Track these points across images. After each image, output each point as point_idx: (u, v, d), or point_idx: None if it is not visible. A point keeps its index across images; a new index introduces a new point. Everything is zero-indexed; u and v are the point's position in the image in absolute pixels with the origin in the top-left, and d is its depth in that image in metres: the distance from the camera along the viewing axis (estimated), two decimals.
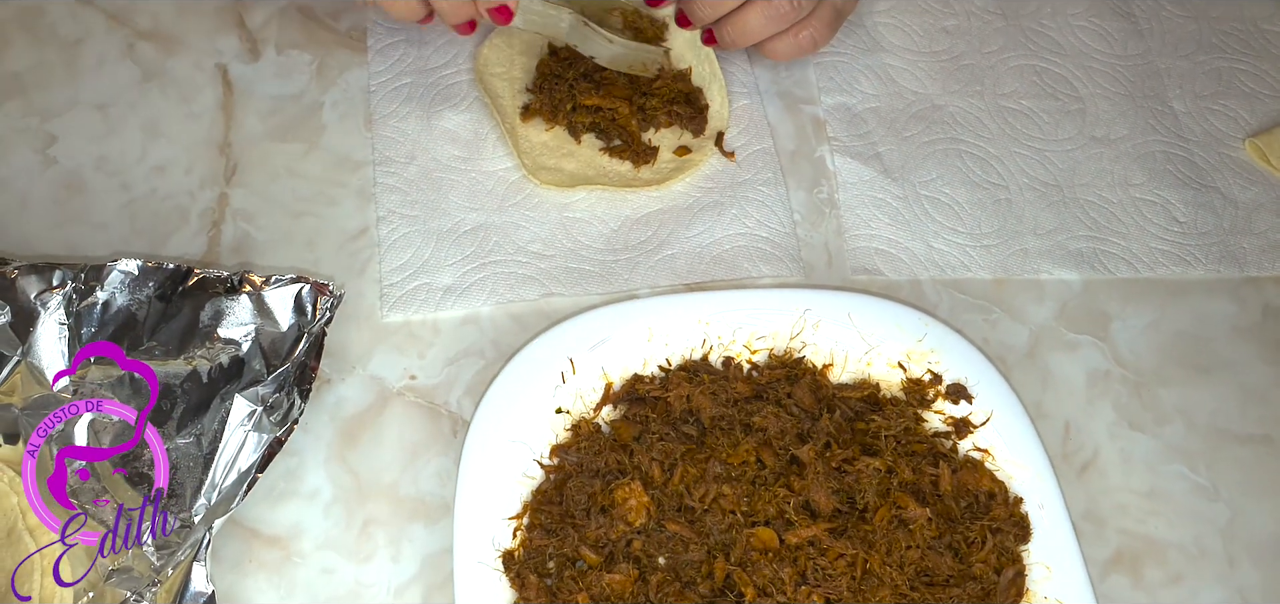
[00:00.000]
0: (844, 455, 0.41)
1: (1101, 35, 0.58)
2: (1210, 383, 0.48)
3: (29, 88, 0.51)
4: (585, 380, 0.43)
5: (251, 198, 0.48)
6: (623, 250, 0.48)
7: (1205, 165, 0.54)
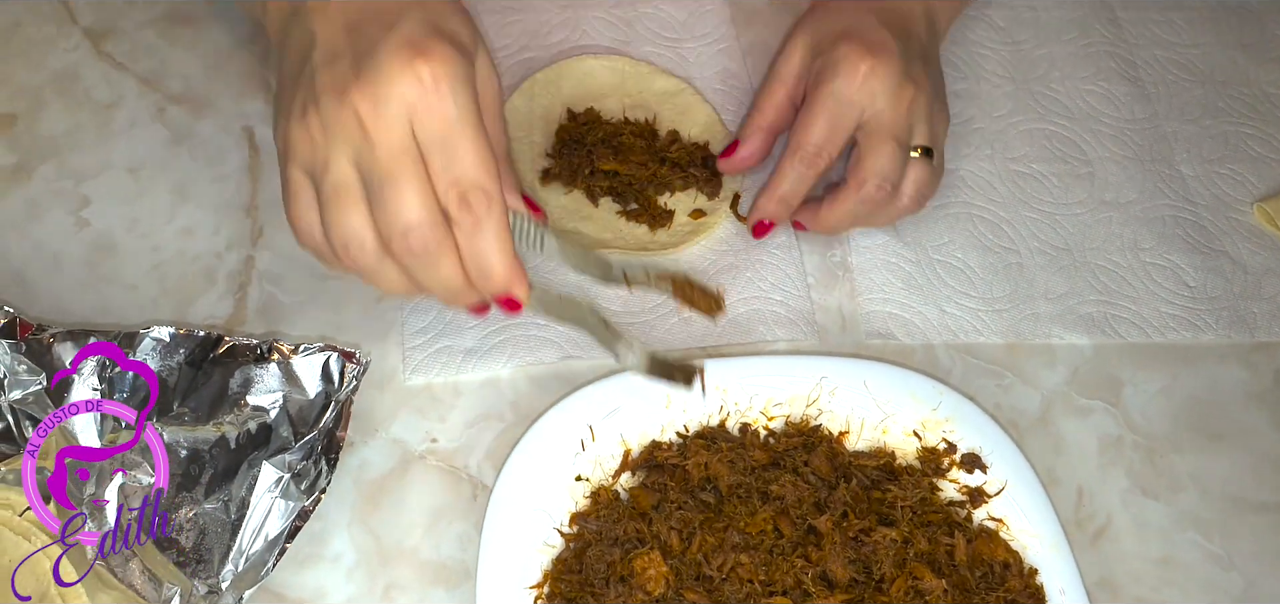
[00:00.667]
0: (861, 525, 0.41)
1: (1109, 99, 0.59)
2: (1223, 450, 0.48)
3: (63, 150, 0.52)
4: (604, 447, 0.44)
5: (278, 260, 0.50)
6: (639, 313, 0.49)
7: (1214, 230, 0.54)
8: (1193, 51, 0.61)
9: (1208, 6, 0.62)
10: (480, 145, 0.36)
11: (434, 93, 0.35)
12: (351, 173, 0.36)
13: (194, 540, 0.40)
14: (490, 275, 0.37)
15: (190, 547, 0.40)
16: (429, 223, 0.35)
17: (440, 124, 0.35)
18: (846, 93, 0.46)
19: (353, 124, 0.35)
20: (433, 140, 0.35)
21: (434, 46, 0.35)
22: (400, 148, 0.35)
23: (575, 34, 0.57)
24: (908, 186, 0.47)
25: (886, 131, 0.46)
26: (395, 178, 0.35)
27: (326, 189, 0.36)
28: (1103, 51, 0.60)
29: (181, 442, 0.42)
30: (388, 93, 0.35)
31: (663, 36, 0.58)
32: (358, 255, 0.36)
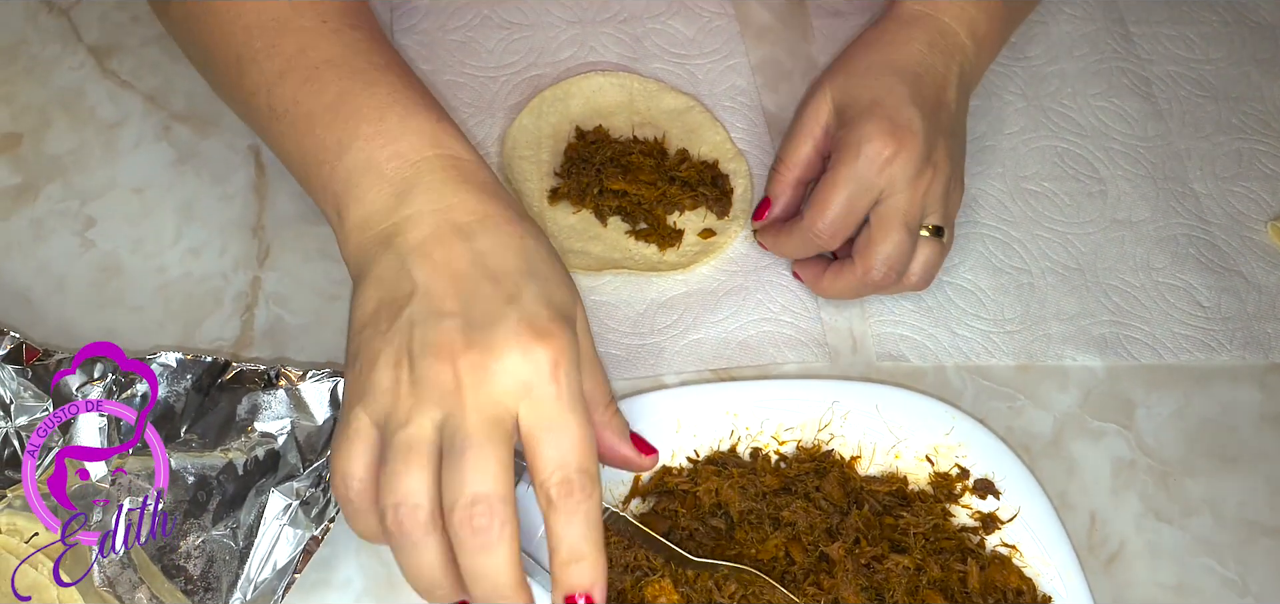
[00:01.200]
0: (873, 552, 0.41)
1: (1121, 116, 0.58)
2: (1238, 473, 0.48)
3: (68, 170, 0.52)
4: (614, 472, 0.44)
5: (284, 281, 0.49)
6: (649, 335, 0.49)
7: (1228, 249, 0.54)
8: (1206, 67, 0.60)
9: (1221, 21, 0.62)
10: (587, 429, 0.34)
11: (551, 380, 0.34)
12: (433, 434, 0.33)
13: (202, 568, 0.40)
14: (578, 567, 0.34)
15: (198, 574, 0.40)
16: (501, 498, 0.33)
17: (552, 411, 0.34)
18: (867, 176, 0.45)
19: (450, 386, 0.33)
20: (541, 424, 0.34)
21: (554, 331, 0.34)
22: (495, 420, 0.33)
23: (583, 50, 0.57)
24: (915, 266, 0.47)
25: (899, 218, 0.45)
26: (482, 446, 0.33)
27: (398, 442, 0.33)
28: (1115, 67, 0.59)
29: (189, 468, 0.41)
30: (501, 368, 0.33)
31: (671, 53, 0.58)
32: (407, 518, 0.33)
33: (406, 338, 0.34)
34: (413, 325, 0.34)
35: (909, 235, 0.46)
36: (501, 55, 0.56)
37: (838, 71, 0.49)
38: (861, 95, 0.47)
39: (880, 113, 0.45)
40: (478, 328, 0.34)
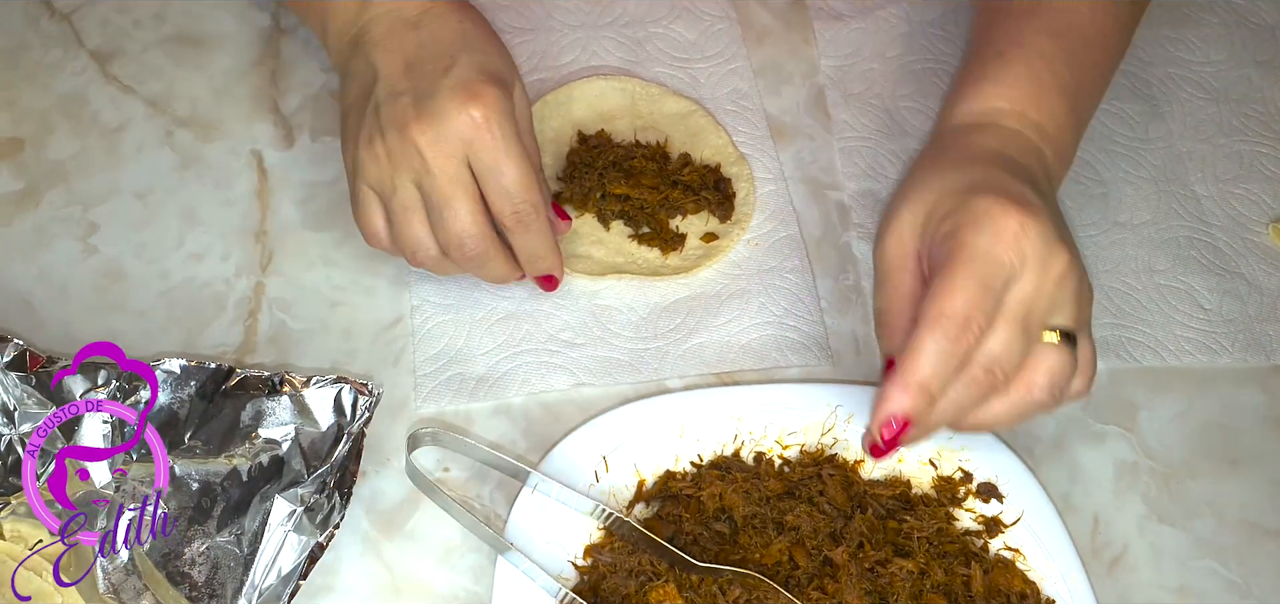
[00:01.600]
0: (877, 557, 0.41)
1: (1122, 118, 0.58)
2: (1240, 475, 0.48)
3: (71, 175, 0.52)
4: (618, 477, 0.44)
5: (287, 286, 0.49)
6: (652, 339, 0.49)
7: (1229, 251, 0.54)
8: (1207, 69, 0.60)
9: (1222, 23, 0.62)
10: (524, 167, 0.43)
11: (485, 130, 0.42)
12: (414, 193, 0.43)
13: (206, 575, 0.40)
14: (539, 264, 0.46)
15: (203, 581, 0.40)
16: (479, 234, 0.43)
17: (490, 155, 0.42)
18: (996, 251, 0.36)
19: (414, 154, 0.42)
20: (485, 168, 0.42)
21: (484, 90, 0.42)
22: (454, 175, 0.42)
23: (585, 54, 0.57)
24: (1039, 375, 0.37)
25: (1016, 310, 0.36)
26: (450, 200, 0.42)
27: (395, 206, 0.43)
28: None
29: (193, 474, 0.41)
30: (445, 131, 0.41)
31: (673, 57, 0.58)
32: (423, 257, 0.44)
33: (375, 117, 0.43)
34: (378, 106, 0.43)
35: (1026, 332, 0.36)
36: None
37: (910, 190, 0.40)
38: (950, 187, 0.38)
39: (987, 189, 0.37)
40: (423, 98, 0.42)
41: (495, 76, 0.43)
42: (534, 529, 0.42)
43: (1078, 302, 0.38)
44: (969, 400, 0.37)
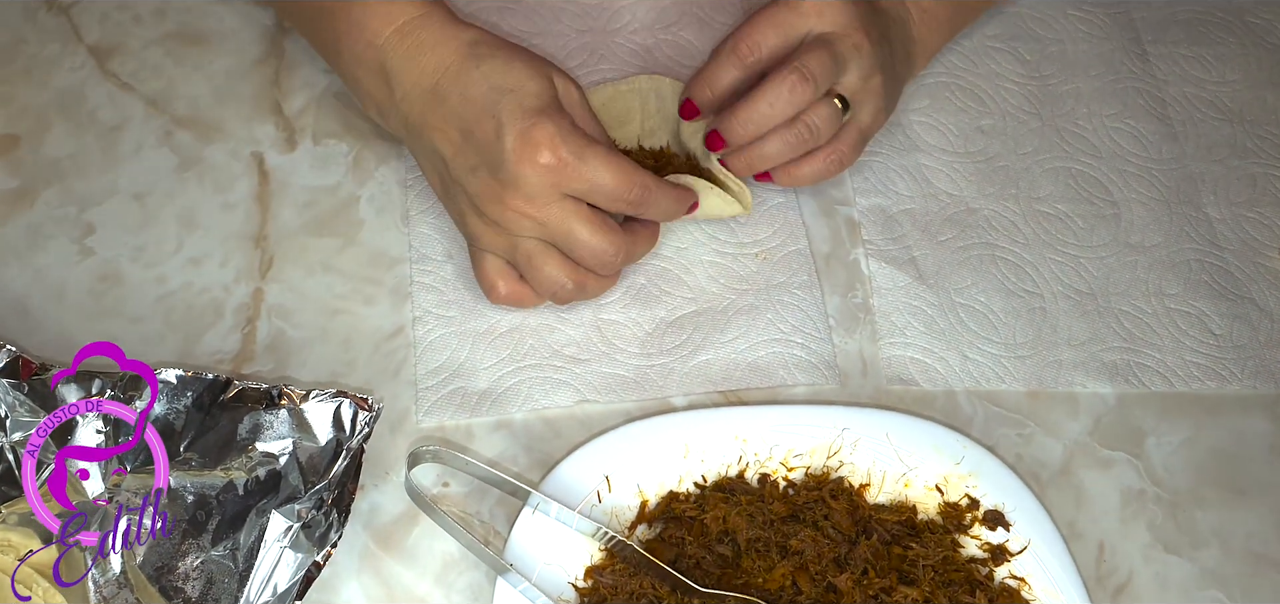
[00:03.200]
0: (881, 584, 0.41)
1: (1135, 137, 0.57)
2: (1246, 505, 0.47)
3: (67, 175, 0.51)
4: (620, 497, 0.43)
5: (287, 294, 0.48)
6: (658, 355, 0.48)
7: (1240, 275, 0.53)
8: (1221, 89, 0.60)
9: (1238, 43, 0.61)
10: (610, 163, 0.43)
11: (562, 167, 0.42)
12: (537, 243, 0.44)
13: (200, 589, 0.39)
14: (678, 210, 0.47)
15: (196, 596, 0.39)
16: (610, 239, 0.44)
17: (579, 182, 0.43)
18: (843, 47, 0.46)
19: (519, 218, 0.43)
20: (583, 193, 0.43)
21: (538, 132, 0.42)
22: (562, 212, 0.43)
23: (593, 59, 0.56)
24: (846, 133, 0.48)
25: (827, 41, 0.46)
26: (571, 233, 0.43)
27: (522, 259, 0.45)
28: (1130, 88, 0.59)
29: (188, 487, 0.41)
30: (531, 189, 0.42)
31: (682, 64, 0.57)
32: (564, 295, 0.45)
33: (466, 195, 0.44)
34: (463, 183, 0.44)
35: (832, 61, 0.46)
36: None
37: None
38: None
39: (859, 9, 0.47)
40: (496, 169, 0.42)
41: (539, 108, 0.42)
42: (534, 549, 0.41)
43: (865, 82, 0.48)
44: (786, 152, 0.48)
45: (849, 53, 0.47)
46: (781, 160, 0.48)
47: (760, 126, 0.47)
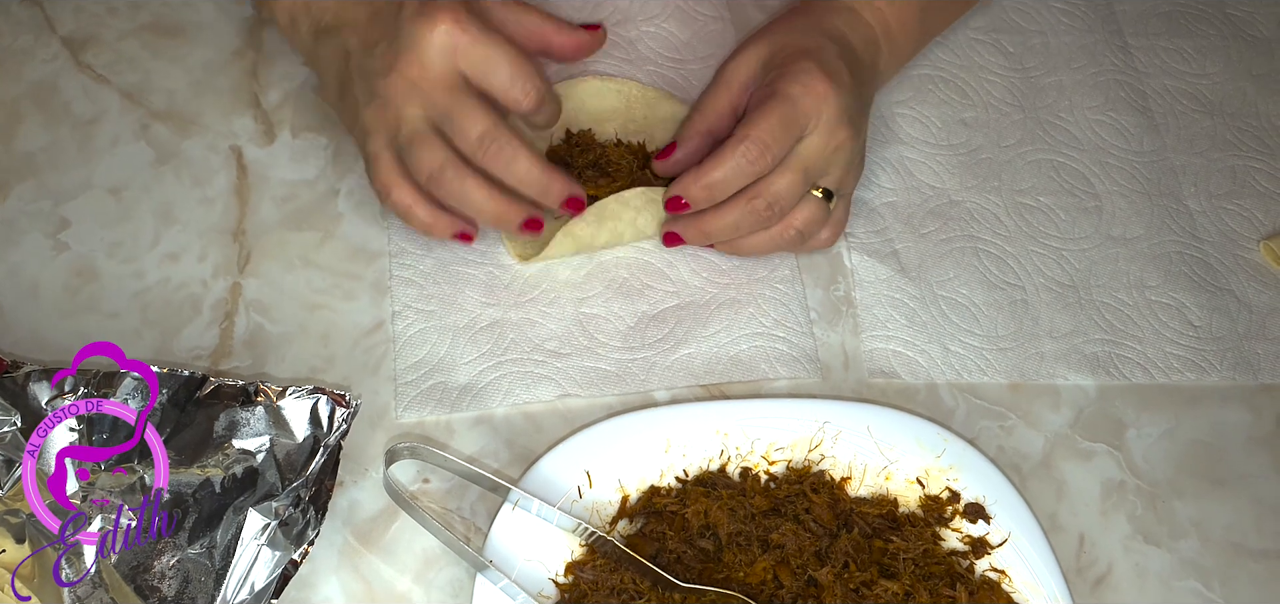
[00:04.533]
0: (862, 577, 0.41)
1: (1117, 130, 0.58)
2: (1225, 496, 0.48)
3: (41, 168, 0.50)
4: (602, 492, 0.43)
5: (265, 288, 0.48)
6: (640, 349, 0.48)
7: (1220, 267, 0.54)
8: (1202, 81, 0.60)
9: (1218, 35, 0.62)
10: (511, 52, 0.43)
11: (458, 35, 0.42)
12: (422, 121, 0.43)
13: (177, 588, 0.39)
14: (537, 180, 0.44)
15: (172, 595, 0.39)
16: (496, 124, 0.43)
17: (475, 57, 0.42)
18: (804, 104, 0.45)
19: (408, 87, 0.42)
20: (477, 72, 0.42)
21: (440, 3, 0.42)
22: (452, 84, 0.42)
23: None
24: (797, 219, 0.47)
25: (802, 161, 0.45)
26: (459, 106, 0.42)
27: (404, 139, 0.43)
28: (1112, 80, 0.59)
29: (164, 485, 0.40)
30: (426, 56, 0.42)
31: (665, 56, 0.56)
32: (445, 181, 0.43)
33: (363, 78, 0.43)
34: (361, 67, 0.43)
35: (805, 181, 0.46)
36: None
37: (765, 35, 0.49)
38: (792, 44, 0.47)
39: (815, 58, 0.46)
40: (393, 40, 0.42)
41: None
42: (515, 545, 0.41)
43: (846, 170, 0.47)
44: (745, 225, 0.47)
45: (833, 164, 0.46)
46: (741, 233, 0.47)
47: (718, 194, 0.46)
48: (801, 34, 0.48)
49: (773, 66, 0.47)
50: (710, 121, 0.48)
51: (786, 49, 0.47)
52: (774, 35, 0.48)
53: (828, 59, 0.46)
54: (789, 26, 0.49)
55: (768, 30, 0.49)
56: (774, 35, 0.48)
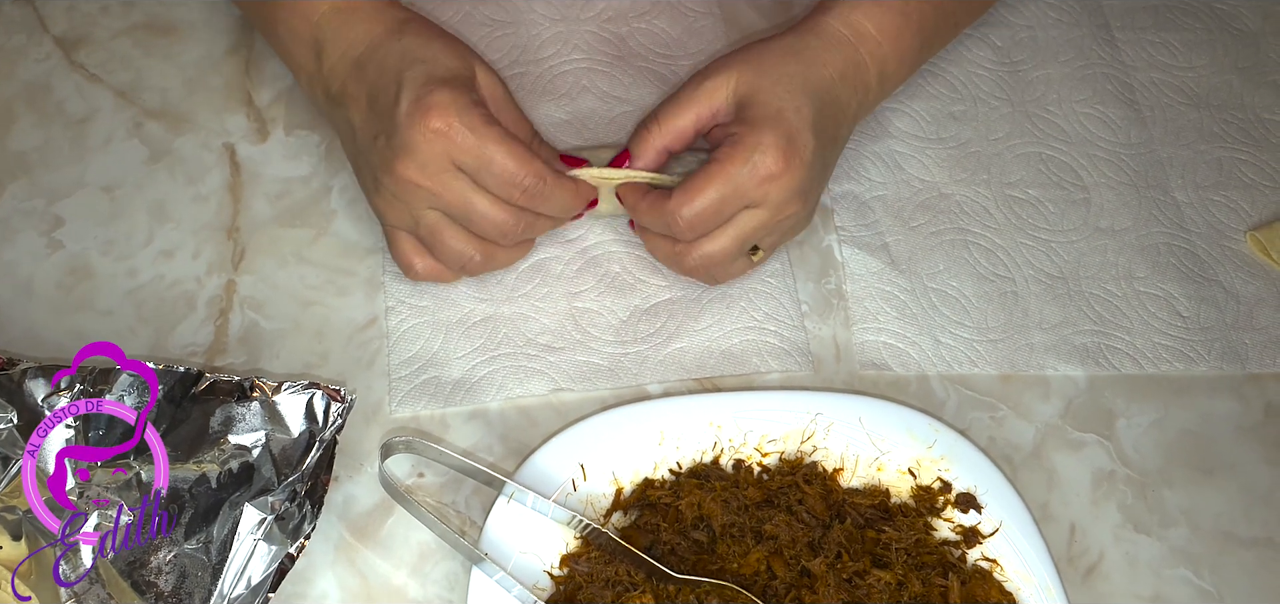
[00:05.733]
0: (855, 568, 0.41)
1: (1105, 122, 0.58)
2: (1214, 484, 0.48)
3: (35, 167, 0.50)
4: (596, 485, 0.43)
5: (259, 285, 0.48)
6: (632, 343, 0.48)
7: (1207, 258, 0.54)
8: (1188, 74, 0.60)
9: (1204, 29, 0.62)
10: (507, 146, 0.42)
11: (453, 136, 0.41)
12: (436, 215, 0.44)
13: (173, 583, 0.39)
14: (571, 210, 0.47)
15: (169, 590, 0.39)
16: (505, 210, 0.43)
17: (470, 156, 0.42)
18: (747, 187, 0.44)
19: (413, 188, 0.42)
20: (473, 169, 0.42)
21: (433, 99, 0.41)
22: (457, 184, 0.43)
23: (566, 49, 0.56)
24: (723, 275, 0.48)
25: (740, 231, 0.45)
26: (467, 205, 0.43)
27: (424, 234, 0.44)
28: (1100, 73, 0.59)
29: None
30: (422, 157, 0.42)
31: (656, 53, 0.57)
32: (474, 266, 0.45)
33: (370, 168, 0.44)
34: (366, 154, 0.44)
35: (740, 249, 0.46)
36: (483, 51, 0.55)
37: (748, 63, 0.46)
38: (768, 100, 0.45)
39: (782, 128, 0.44)
40: (391, 136, 0.42)
41: (442, 79, 0.42)
42: (510, 538, 0.41)
43: (785, 236, 0.48)
44: (674, 265, 0.48)
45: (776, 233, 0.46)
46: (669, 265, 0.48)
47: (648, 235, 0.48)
48: (783, 86, 0.45)
49: (743, 107, 0.45)
50: (669, 140, 0.47)
51: (758, 100, 0.45)
52: (757, 69, 0.46)
53: (794, 130, 0.44)
54: (777, 67, 0.46)
55: (753, 58, 0.46)
56: (757, 69, 0.46)
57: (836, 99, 0.47)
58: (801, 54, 0.46)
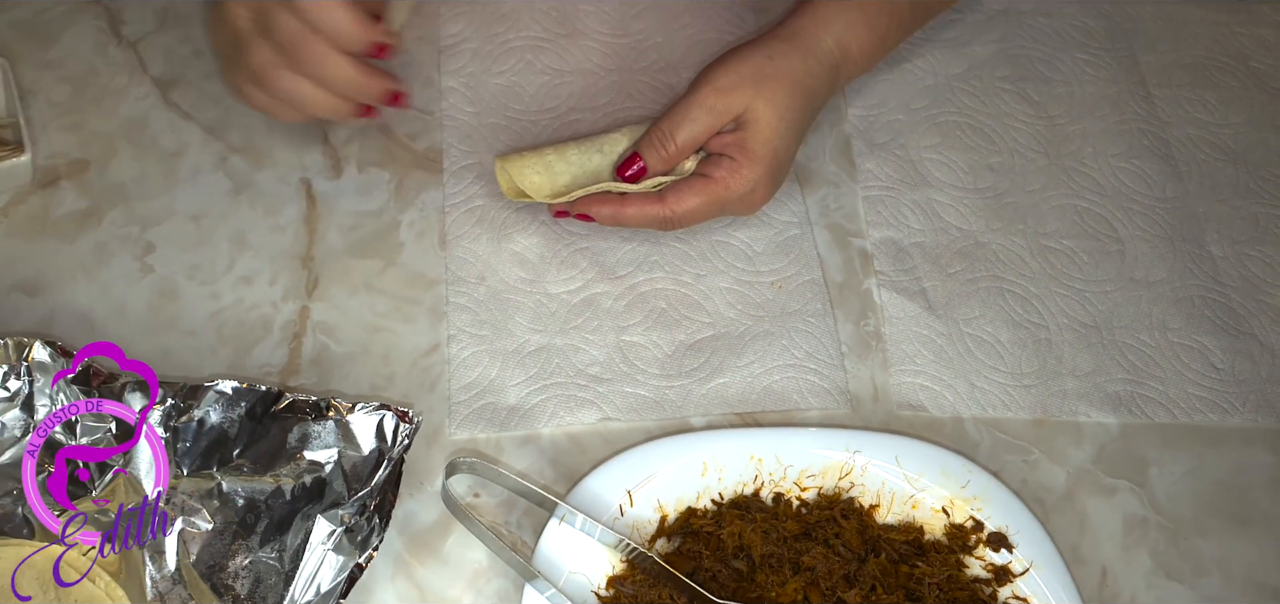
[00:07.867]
0: (889, 601, 0.43)
1: (1140, 177, 0.60)
2: (1248, 535, 0.49)
3: (131, 197, 0.54)
4: (641, 511, 0.45)
5: (331, 311, 0.52)
6: (677, 377, 0.51)
7: (1243, 312, 0.55)
8: (1224, 131, 0.62)
9: (1241, 86, 0.63)
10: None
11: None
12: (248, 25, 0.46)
13: (249, 587, 0.42)
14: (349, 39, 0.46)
15: (245, 593, 0.42)
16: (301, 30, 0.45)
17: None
18: (730, 204, 0.50)
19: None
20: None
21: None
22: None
23: (620, 97, 0.59)
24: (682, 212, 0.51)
25: (718, 201, 0.50)
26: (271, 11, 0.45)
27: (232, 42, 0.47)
28: (1136, 128, 0.61)
29: (239, 491, 0.44)
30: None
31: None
32: (270, 79, 0.46)
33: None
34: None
35: (713, 213, 0.51)
36: (543, 99, 0.59)
37: (761, 92, 0.50)
38: (769, 137, 0.50)
39: (775, 163, 0.50)
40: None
41: None
42: (560, 558, 0.43)
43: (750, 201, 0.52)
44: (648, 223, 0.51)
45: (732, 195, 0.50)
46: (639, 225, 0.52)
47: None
48: (785, 123, 0.50)
49: (745, 127, 0.50)
50: (685, 155, 0.51)
51: (760, 135, 0.50)
52: (768, 100, 0.50)
53: (783, 163, 0.51)
54: (784, 99, 0.50)
55: (766, 87, 0.50)
56: (768, 100, 0.50)
57: (810, 90, 0.52)
58: (805, 83, 0.52)
